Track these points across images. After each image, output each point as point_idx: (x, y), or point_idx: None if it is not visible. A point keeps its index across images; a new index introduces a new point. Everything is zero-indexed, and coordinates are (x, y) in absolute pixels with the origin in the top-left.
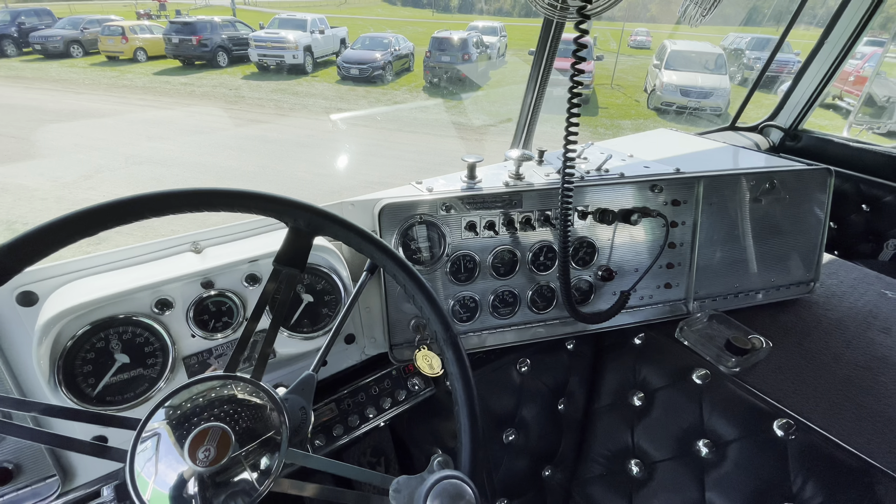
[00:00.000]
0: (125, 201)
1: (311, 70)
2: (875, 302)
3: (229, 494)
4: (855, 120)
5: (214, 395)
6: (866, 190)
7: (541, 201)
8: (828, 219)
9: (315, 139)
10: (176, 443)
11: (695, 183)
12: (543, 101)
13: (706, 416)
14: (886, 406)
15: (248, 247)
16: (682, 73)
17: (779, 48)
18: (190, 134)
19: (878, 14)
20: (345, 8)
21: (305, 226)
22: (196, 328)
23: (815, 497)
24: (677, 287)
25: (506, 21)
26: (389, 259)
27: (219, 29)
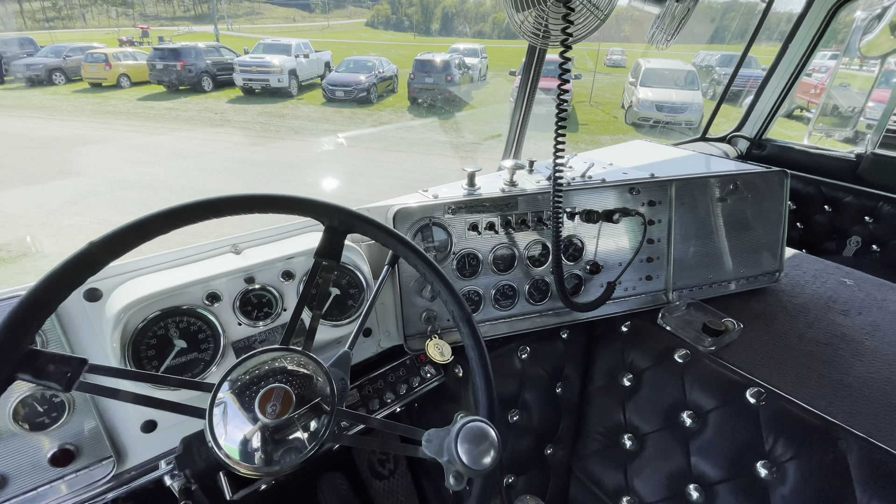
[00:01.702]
0: (194, 204)
1: (296, 93)
2: (835, 288)
3: (285, 450)
4: (814, 129)
5: (268, 368)
6: (827, 192)
7: (534, 204)
8: (787, 214)
9: (302, 160)
10: (241, 407)
11: (668, 185)
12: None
13: (688, 390)
14: (845, 375)
15: (281, 248)
16: (657, 90)
17: (740, 65)
18: (176, 158)
19: (829, 32)
20: (327, 33)
21: (339, 224)
22: (242, 317)
23: (785, 454)
24: (657, 279)
25: (486, 43)
26: (410, 251)
27: (203, 54)
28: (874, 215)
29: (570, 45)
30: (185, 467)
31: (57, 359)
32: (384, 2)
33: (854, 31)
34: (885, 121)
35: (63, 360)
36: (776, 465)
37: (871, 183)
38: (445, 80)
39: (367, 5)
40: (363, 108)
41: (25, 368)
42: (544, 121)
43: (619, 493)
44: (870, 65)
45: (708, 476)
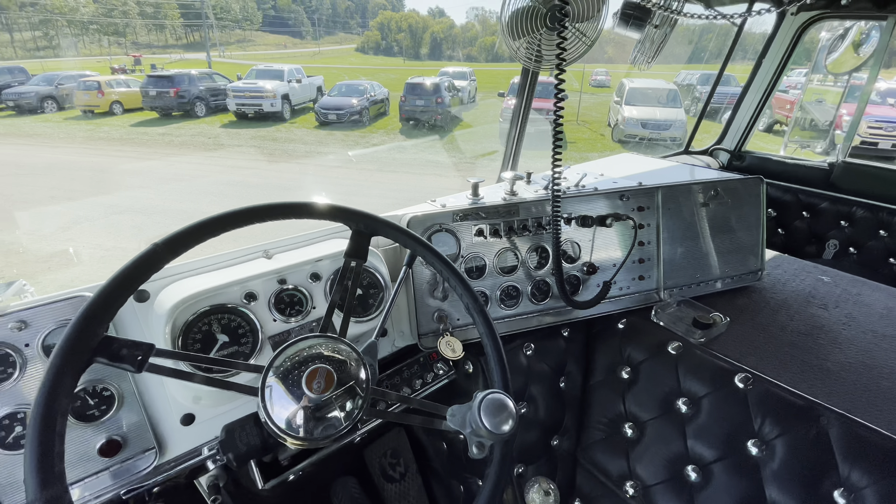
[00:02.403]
0: (243, 210)
1: (289, 117)
2: (814, 285)
3: (324, 427)
4: (789, 141)
5: (307, 353)
6: (804, 199)
7: (533, 211)
8: (765, 218)
9: (296, 182)
10: (286, 388)
11: (654, 192)
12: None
13: (682, 379)
14: (824, 360)
15: (307, 253)
16: (642, 108)
17: (717, 84)
18: (170, 182)
19: (800, 51)
20: (318, 58)
21: (365, 228)
22: (276, 314)
23: (772, 432)
24: (649, 279)
25: (474, 66)
26: (427, 251)
27: (196, 81)
28: (849, 220)
29: (563, 68)
30: (228, 451)
31: (129, 344)
32: (374, 28)
33: (820, 51)
34: (853, 132)
35: (134, 345)
36: (765, 442)
37: (844, 189)
38: (436, 102)
39: (356, 31)
40: (356, 131)
41: (102, 352)
42: (531, 139)
43: (623, 479)
44: (842, 81)
45: (704, 457)
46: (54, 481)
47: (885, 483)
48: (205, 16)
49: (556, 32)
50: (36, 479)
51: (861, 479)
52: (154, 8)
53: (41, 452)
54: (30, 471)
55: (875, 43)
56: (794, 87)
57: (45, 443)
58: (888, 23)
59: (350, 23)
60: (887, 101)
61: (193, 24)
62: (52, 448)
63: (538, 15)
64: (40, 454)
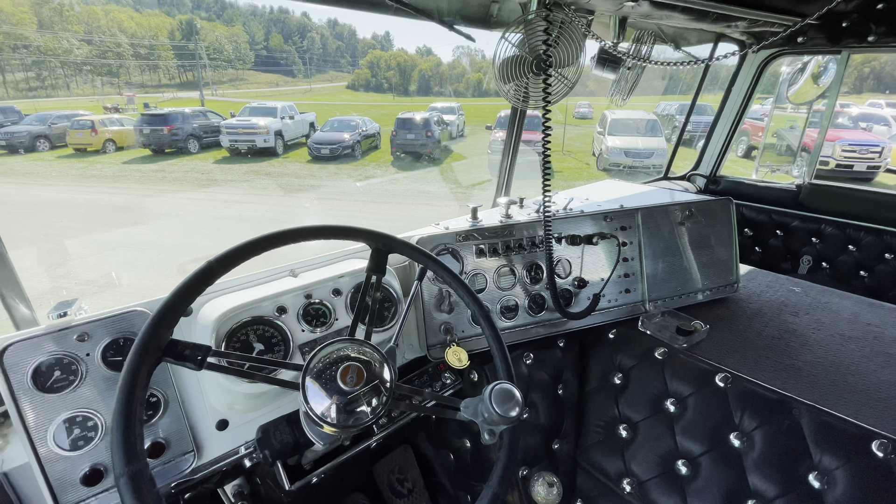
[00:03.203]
0: (279, 233)
1: (282, 152)
2: (786, 295)
3: (353, 420)
4: (760, 165)
5: (336, 356)
6: (777, 218)
7: (527, 232)
8: (736, 235)
9: (290, 214)
10: (321, 386)
11: (635, 213)
12: (515, 165)
13: (668, 381)
14: (795, 360)
15: (327, 272)
16: (624, 138)
17: (690, 114)
18: (163, 218)
19: (766, 83)
20: (310, 96)
21: (383, 246)
22: (304, 325)
23: (751, 424)
24: (635, 291)
25: (462, 101)
26: (437, 265)
27: (190, 118)
28: (819, 236)
29: (549, 108)
30: (265, 448)
31: (191, 346)
32: (364, 66)
33: (781, 83)
34: (816, 155)
35: (195, 347)
36: (745, 434)
37: (812, 208)
38: (426, 135)
39: (347, 70)
40: (349, 164)
41: (169, 353)
42: (519, 168)
43: (621, 477)
44: (806, 109)
45: (692, 451)
46: (137, 458)
47: (853, 464)
48: (198, 56)
49: (542, 79)
50: (122, 456)
51: (831, 462)
52: (148, 49)
53: (125, 434)
54: (116, 450)
55: (833, 74)
56: (766, 115)
57: (127, 426)
58: (842, 56)
59: (341, 62)
60: (859, 125)
61: (186, 64)
62: (133, 431)
63: (525, 62)
64: (124, 436)
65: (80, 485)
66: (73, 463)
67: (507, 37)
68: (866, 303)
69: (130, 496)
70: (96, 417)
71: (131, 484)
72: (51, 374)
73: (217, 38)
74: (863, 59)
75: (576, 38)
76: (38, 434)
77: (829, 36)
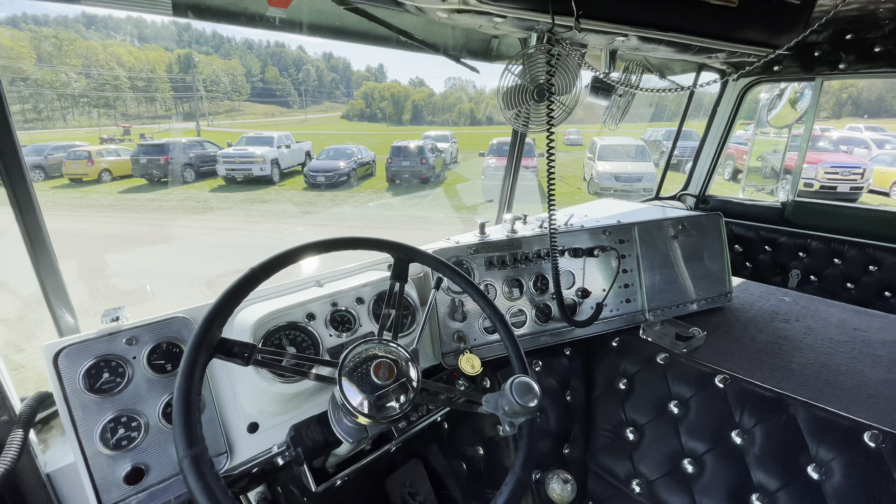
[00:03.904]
0: (308, 244)
1: (278, 180)
2: (777, 305)
3: (384, 414)
4: (745, 185)
5: (366, 354)
6: (765, 234)
7: (533, 245)
8: (727, 247)
9: (286, 241)
10: (353, 383)
11: (632, 227)
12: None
13: (671, 384)
14: (789, 363)
15: (350, 282)
16: (614, 163)
17: (677, 139)
18: (158, 244)
19: (747, 109)
20: (305, 125)
21: (405, 256)
22: (332, 330)
23: (750, 421)
24: (635, 301)
25: (454, 129)
26: (453, 273)
27: (186, 148)
28: (806, 251)
29: (552, 131)
30: (298, 446)
31: (239, 344)
32: (358, 97)
33: (761, 108)
34: (798, 175)
35: (243, 345)
36: (746, 431)
37: (798, 224)
38: (420, 163)
39: (342, 101)
40: (344, 191)
41: (220, 350)
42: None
43: (630, 478)
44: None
45: (696, 449)
46: (197, 442)
47: (847, 454)
48: (195, 88)
49: (546, 105)
50: (184, 441)
51: (827, 453)
52: (145, 82)
53: (186, 421)
54: (179, 435)
55: (809, 99)
56: (749, 140)
57: (188, 414)
58: (816, 82)
59: (335, 92)
60: (840, 148)
61: (183, 95)
62: (192, 418)
63: (526, 91)
64: (185, 423)
65: (122, 483)
66: (116, 462)
67: (510, 68)
68: (853, 310)
69: (193, 476)
70: (140, 418)
71: (193, 465)
72: (100, 376)
73: (214, 71)
74: (840, 86)
75: (571, 68)
76: (86, 434)
77: (803, 64)
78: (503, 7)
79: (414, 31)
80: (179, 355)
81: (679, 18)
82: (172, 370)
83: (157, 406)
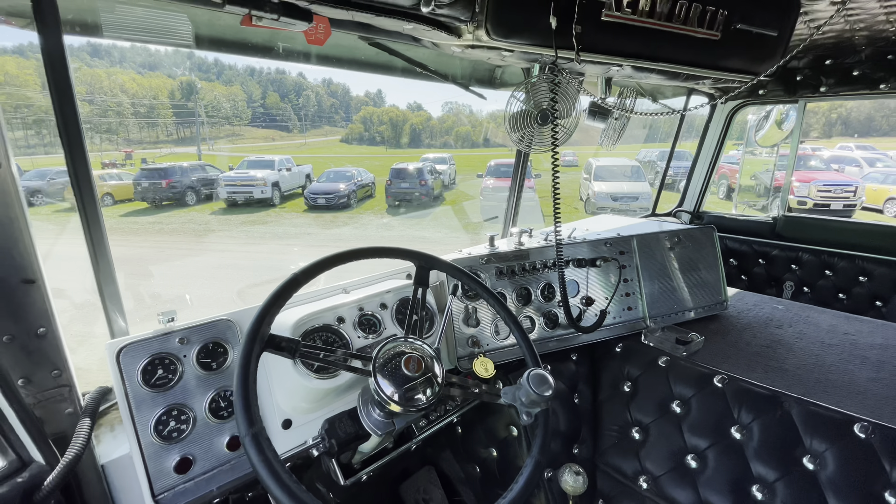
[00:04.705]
0: (344, 253)
1: (278, 203)
2: (771, 312)
3: (413, 404)
4: (738, 201)
5: (396, 350)
6: (758, 248)
7: (539, 256)
8: (721, 258)
9: (286, 262)
10: (385, 375)
11: (631, 240)
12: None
13: (673, 385)
14: (783, 364)
15: (373, 289)
16: (610, 183)
17: (670, 160)
18: (160, 265)
19: (736, 131)
20: (305, 149)
21: (425, 263)
22: (360, 332)
23: (748, 417)
24: (636, 309)
25: (452, 152)
26: (469, 279)
27: (188, 172)
28: (798, 264)
29: (557, 152)
30: (332, 437)
31: (286, 339)
32: (357, 121)
33: (749, 129)
34: (787, 191)
35: (289, 340)
36: (744, 427)
37: (789, 238)
38: (420, 184)
39: (341, 125)
40: (344, 212)
41: (270, 345)
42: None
43: (637, 475)
44: (773, 153)
45: (699, 445)
46: (256, 421)
47: (839, 445)
48: (197, 114)
49: (551, 127)
50: (245, 421)
51: (820, 445)
52: (148, 108)
53: (245, 405)
54: (240, 416)
55: (794, 120)
56: (740, 159)
57: (247, 398)
58: (799, 104)
59: (335, 117)
60: (831, 167)
61: (185, 121)
62: (251, 402)
63: (530, 115)
64: (245, 406)
65: (172, 472)
66: (167, 452)
67: (515, 95)
68: (843, 316)
69: (254, 450)
70: (189, 412)
71: (254, 442)
72: (155, 372)
73: (216, 97)
74: (829, 106)
75: (571, 95)
76: (142, 426)
77: (786, 88)
78: (512, 43)
79: (427, 62)
80: (224, 354)
81: (668, 50)
82: (217, 368)
83: (204, 401)
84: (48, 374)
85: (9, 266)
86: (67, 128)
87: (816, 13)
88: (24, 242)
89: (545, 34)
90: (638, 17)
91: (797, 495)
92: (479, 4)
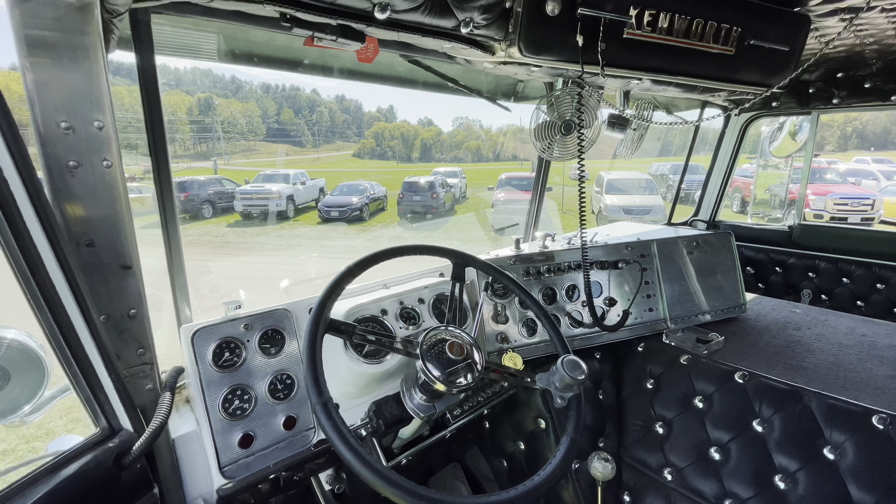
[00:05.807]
0: (389, 250)
1: (293, 215)
2: (789, 315)
3: (456, 386)
4: (752, 212)
5: (439, 337)
6: (775, 257)
7: (563, 258)
8: (738, 263)
9: (301, 273)
10: (432, 358)
11: (651, 244)
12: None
13: (695, 382)
14: (802, 363)
15: (411, 285)
16: (622, 196)
17: (685, 173)
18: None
19: (749, 143)
20: (318, 163)
21: (461, 261)
22: (402, 323)
23: (769, 411)
24: (656, 310)
25: (463, 166)
26: (501, 275)
27: (205, 186)
28: (815, 271)
29: (583, 160)
30: (379, 418)
31: (343, 323)
32: (369, 136)
33: (763, 141)
34: (802, 201)
35: (347, 324)
36: (765, 420)
37: (805, 246)
38: (431, 197)
39: (353, 140)
40: (356, 225)
41: (331, 328)
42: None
43: (661, 468)
44: (787, 165)
45: (721, 438)
46: (324, 391)
47: (858, 436)
48: (213, 130)
49: (578, 135)
50: (315, 391)
51: (840, 436)
52: (167, 124)
53: (315, 377)
54: (311, 387)
55: (807, 131)
56: (754, 172)
57: (316, 372)
58: (812, 116)
59: (347, 132)
60: (847, 180)
61: (201, 136)
62: (318, 376)
63: (555, 126)
64: (315, 378)
65: (236, 447)
66: (232, 428)
67: (540, 107)
68: (859, 320)
69: (324, 416)
70: (251, 391)
71: (324, 409)
72: (222, 355)
73: (232, 114)
74: (844, 119)
75: (592, 106)
76: (211, 402)
77: (799, 100)
78: (541, 59)
79: (457, 77)
80: (282, 341)
81: (685, 64)
82: (276, 353)
83: (265, 382)
84: (134, 352)
85: (112, 253)
86: (155, 139)
87: (826, 29)
88: (126, 232)
89: (572, 51)
90: (658, 34)
91: (819, 484)
92: (511, 25)
